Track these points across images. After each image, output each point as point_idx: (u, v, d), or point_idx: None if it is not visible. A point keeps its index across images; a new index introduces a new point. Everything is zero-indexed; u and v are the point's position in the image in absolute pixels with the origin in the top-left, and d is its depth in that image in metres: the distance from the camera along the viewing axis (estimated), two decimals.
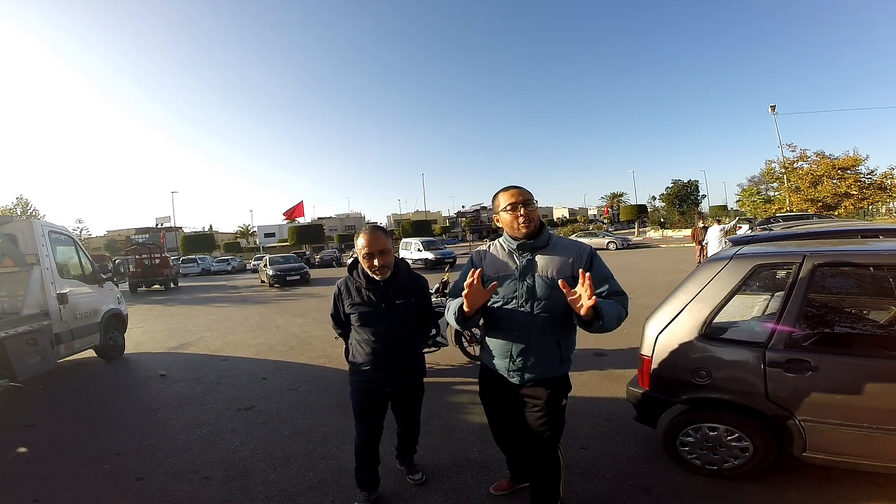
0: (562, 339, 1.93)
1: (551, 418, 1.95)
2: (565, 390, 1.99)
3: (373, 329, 2.29)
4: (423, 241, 22.22)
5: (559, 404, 1.96)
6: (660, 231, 38.61)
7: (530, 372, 1.93)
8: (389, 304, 2.28)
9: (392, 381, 2.36)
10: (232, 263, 34.47)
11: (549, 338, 1.90)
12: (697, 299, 2.48)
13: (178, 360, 6.26)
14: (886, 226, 6.40)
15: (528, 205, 1.88)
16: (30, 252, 5.33)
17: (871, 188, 20.99)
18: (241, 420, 3.84)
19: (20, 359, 4.63)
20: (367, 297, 2.28)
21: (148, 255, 20.66)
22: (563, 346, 1.94)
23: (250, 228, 65.88)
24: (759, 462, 2.35)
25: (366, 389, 2.36)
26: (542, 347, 1.91)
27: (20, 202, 30.41)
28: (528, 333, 1.90)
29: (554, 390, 1.94)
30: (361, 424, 2.40)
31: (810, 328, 2.46)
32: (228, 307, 12.24)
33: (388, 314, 2.28)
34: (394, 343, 2.32)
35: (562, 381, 1.97)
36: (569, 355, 1.99)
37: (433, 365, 5.02)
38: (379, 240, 2.20)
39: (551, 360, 1.92)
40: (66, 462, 3.22)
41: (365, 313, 2.28)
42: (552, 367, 1.93)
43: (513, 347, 1.94)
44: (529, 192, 1.92)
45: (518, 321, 1.91)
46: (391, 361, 2.32)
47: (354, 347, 2.38)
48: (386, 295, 2.28)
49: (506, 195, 1.92)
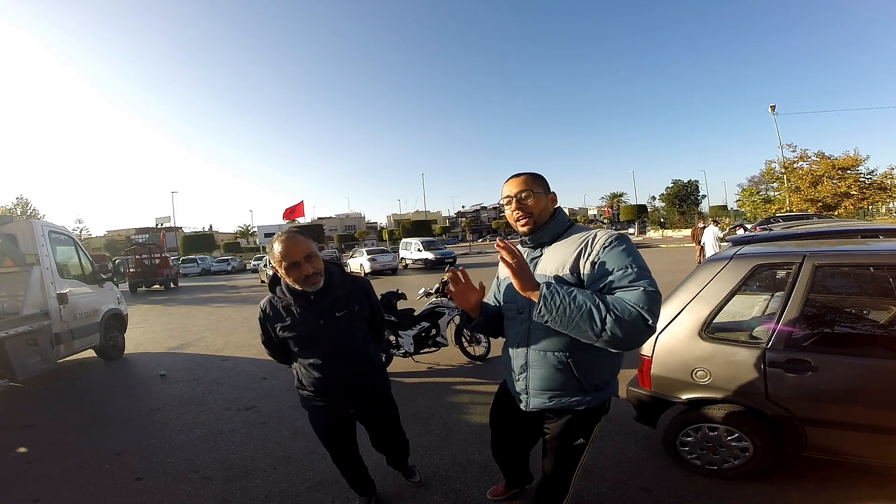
0: (576, 359, 1.50)
1: (556, 457, 1.63)
2: (582, 429, 1.59)
3: (316, 351, 1.95)
4: (423, 241, 22.20)
5: (570, 443, 1.59)
6: (660, 231, 38.59)
7: (536, 397, 1.59)
8: (329, 319, 1.93)
9: (353, 402, 2.07)
10: (232, 263, 34.45)
11: (554, 355, 1.52)
12: (697, 299, 2.48)
13: (178, 360, 6.26)
14: (886, 226, 6.40)
15: (524, 197, 1.55)
16: (30, 252, 5.33)
17: (871, 188, 20.98)
18: (241, 420, 3.84)
19: (20, 359, 4.63)
20: (300, 316, 1.91)
21: (148, 255, 20.66)
22: (580, 368, 1.51)
23: (250, 228, 65.90)
24: (759, 462, 2.34)
25: (325, 415, 2.08)
26: (546, 366, 1.54)
27: (20, 202, 30.44)
28: (527, 347, 1.58)
29: (567, 427, 1.58)
30: (330, 451, 2.21)
31: (810, 328, 2.46)
32: (228, 307, 12.24)
33: (330, 330, 1.93)
34: (345, 363, 1.99)
35: (579, 416, 1.56)
36: (597, 382, 1.54)
37: (433, 365, 5.03)
38: (300, 244, 1.80)
39: (563, 385, 1.54)
40: (66, 462, 3.22)
41: (302, 335, 1.93)
42: (566, 396, 1.54)
43: (515, 364, 1.66)
44: (532, 179, 1.58)
45: (517, 332, 1.63)
46: (347, 383, 2.02)
47: (300, 374, 2.04)
48: (322, 308, 1.92)
49: (505, 186, 1.61)
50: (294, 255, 1.78)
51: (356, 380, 2.04)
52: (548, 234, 1.59)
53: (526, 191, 1.55)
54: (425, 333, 4.94)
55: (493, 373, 4.57)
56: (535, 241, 1.60)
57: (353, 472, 2.31)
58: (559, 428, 1.59)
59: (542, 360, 1.55)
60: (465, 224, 71.60)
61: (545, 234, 1.59)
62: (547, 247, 1.59)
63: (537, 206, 1.56)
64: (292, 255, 1.78)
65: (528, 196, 1.55)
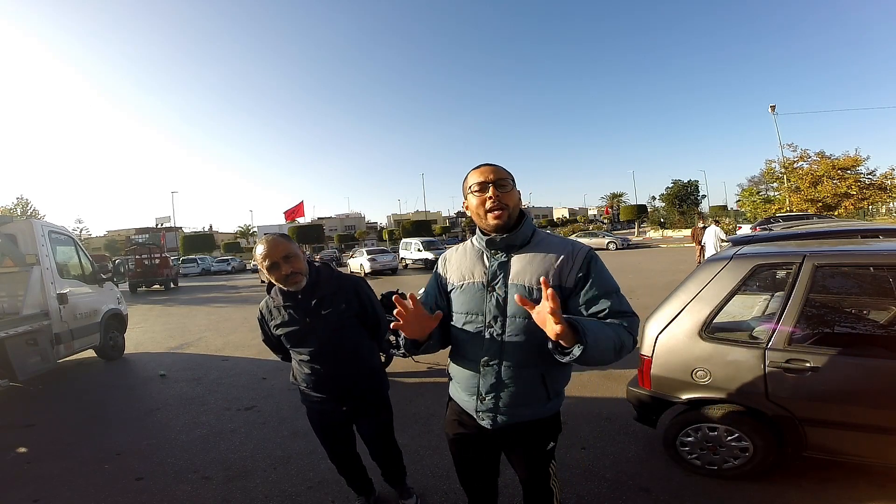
0: (547, 371, 1.43)
1: (534, 465, 1.56)
2: (553, 433, 1.55)
3: (305, 349, 2.03)
4: (423, 241, 22.19)
5: (543, 449, 1.54)
6: (660, 231, 38.59)
7: (505, 415, 1.46)
8: (315, 317, 1.98)
9: (344, 399, 2.09)
10: (232, 263, 34.45)
11: (529, 370, 1.41)
12: (697, 299, 2.48)
13: (178, 360, 6.26)
14: (886, 226, 6.40)
15: (503, 185, 1.39)
16: (30, 252, 5.33)
17: (871, 188, 20.96)
18: (241, 420, 3.84)
19: (20, 359, 4.63)
20: (290, 315, 2.01)
21: (148, 255, 20.65)
22: (550, 378, 1.44)
23: (250, 228, 65.91)
24: (759, 462, 2.35)
25: (320, 411, 2.14)
26: (520, 383, 1.42)
27: (20, 202, 30.42)
28: (499, 364, 1.43)
29: (536, 435, 1.52)
30: (327, 449, 2.25)
31: (810, 328, 2.46)
32: (228, 307, 12.24)
33: (317, 329, 1.98)
34: (333, 361, 2.02)
35: (548, 423, 1.52)
36: (559, 389, 1.51)
37: (433, 365, 5.02)
38: (278, 246, 1.86)
39: (533, 398, 1.45)
40: (66, 462, 3.22)
41: (291, 333, 2.02)
42: (535, 408, 1.46)
43: (480, 382, 1.47)
44: (507, 172, 1.43)
45: (485, 347, 1.44)
46: (337, 381, 2.05)
47: (295, 368, 2.14)
48: (308, 307, 1.98)
49: (475, 173, 1.43)
50: (273, 255, 1.85)
51: (346, 378, 2.06)
52: (519, 237, 1.44)
53: (504, 179, 1.40)
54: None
55: None
56: (506, 244, 1.43)
57: (351, 471, 2.32)
58: (530, 437, 1.52)
59: (518, 377, 1.42)
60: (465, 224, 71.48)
61: (517, 237, 1.43)
62: (516, 251, 1.44)
63: (512, 199, 1.41)
64: (271, 255, 1.85)
65: (505, 186, 1.39)
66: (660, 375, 2.54)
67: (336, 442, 2.22)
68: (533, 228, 1.49)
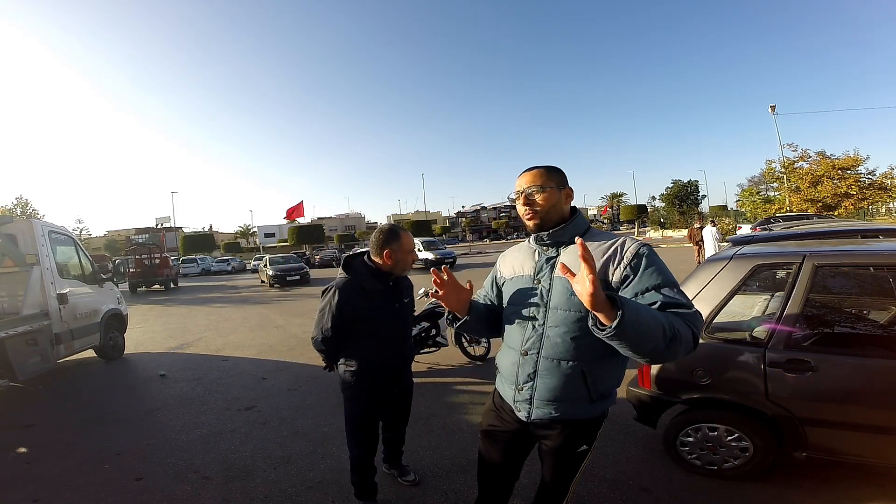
0: (589, 368, 1.40)
1: (561, 466, 1.54)
2: (588, 437, 1.51)
3: (385, 332, 2.29)
4: (423, 241, 22.17)
5: (573, 451, 1.51)
6: (660, 231, 38.58)
7: (541, 408, 1.46)
8: (400, 304, 2.37)
9: (398, 381, 2.44)
10: (232, 263, 34.44)
11: (568, 364, 1.41)
12: (697, 299, 2.48)
13: (178, 360, 6.26)
14: (886, 226, 6.40)
15: (531, 193, 1.48)
16: (30, 252, 5.33)
17: (871, 188, 20.95)
18: (241, 420, 3.84)
19: (20, 359, 4.63)
20: (380, 299, 2.29)
21: (148, 255, 20.64)
22: (593, 377, 1.41)
23: (250, 228, 65.88)
24: (759, 462, 2.35)
25: (375, 399, 2.34)
26: (558, 376, 1.42)
27: (20, 202, 30.41)
28: (538, 354, 1.45)
29: (571, 436, 1.49)
30: (363, 437, 2.34)
31: (810, 328, 2.46)
32: (228, 307, 12.24)
33: (400, 314, 2.36)
34: (402, 344, 2.40)
35: (586, 426, 1.49)
36: (603, 391, 1.46)
37: (433, 365, 5.03)
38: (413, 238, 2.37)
39: (572, 395, 1.43)
40: (66, 462, 3.22)
41: (382, 317, 2.28)
42: (573, 406, 1.44)
43: (518, 371, 1.50)
44: (543, 174, 1.49)
45: (526, 337, 1.48)
46: (401, 363, 2.42)
47: (357, 357, 2.27)
48: (397, 294, 2.36)
49: (517, 181, 1.53)
50: (414, 244, 2.32)
51: (405, 360, 2.45)
52: (568, 233, 1.48)
53: (534, 186, 1.47)
54: (425, 333, 4.94)
55: (493, 373, 4.56)
56: (554, 239, 1.50)
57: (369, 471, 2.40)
58: (562, 437, 1.50)
59: (555, 370, 1.43)
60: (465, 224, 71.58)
61: (566, 232, 1.48)
62: (565, 247, 1.49)
63: (547, 202, 1.47)
64: (414, 244, 2.31)
65: (536, 192, 1.47)
66: (660, 375, 2.54)
67: (375, 429, 2.40)
68: (586, 225, 1.53)
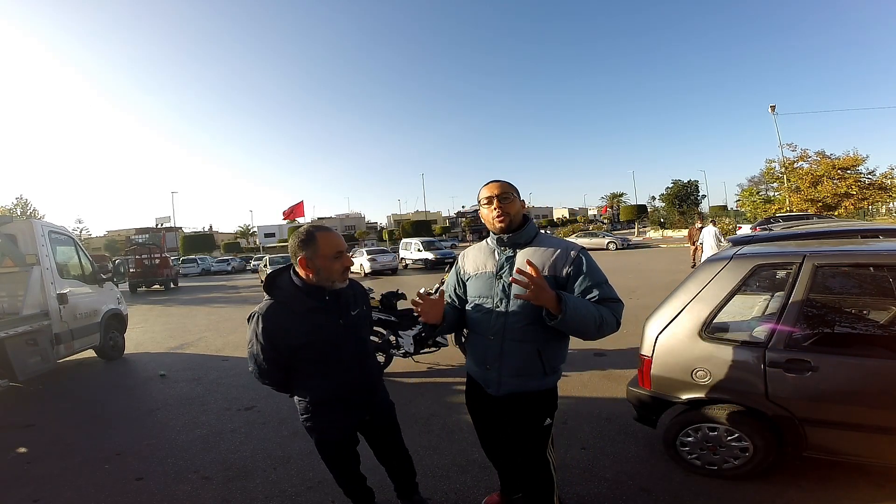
0: (544, 348, 1.72)
1: (532, 437, 1.78)
2: (549, 408, 1.80)
3: (336, 356, 1.81)
4: (422, 241, 22.20)
5: (541, 423, 1.78)
6: (660, 231, 38.57)
7: (507, 384, 1.76)
8: (347, 319, 1.83)
9: (368, 407, 1.95)
10: (232, 264, 34.46)
11: (527, 345, 1.71)
12: (697, 299, 2.48)
13: (178, 360, 6.26)
14: (886, 226, 6.40)
15: (505, 198, 1.76)
16: (30, 252, 5.33)
17: (871, 188, 20.96)
18: (241, 420, 3.84)
19: (20, 359, 4.63)
20: (319, 318, 1.76)
21: (148, 255, 20.65)
22: (546, 355, 1.73)
23: (250, 228, 65.89)
24: (759, 462, 2.34)
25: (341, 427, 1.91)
26: (519, 356, 1.72)
27: (20, 202, 30.41)
28: (502, 338, 1.74)
29: (534, 407, 1.77)
30: (334, 464, 2.03)
31: (810, 328, 2.46)
32: (228, 307, 12.25)
33: (350, 331, 1.84)
34: (362, 366, 1.91)
35: (544, 396, 1.78)
36: (555, 366, 1.78)
37: (433, 365, 5.03)
38: (340, 236, 1.81)
39: (530, 371, 1.73)
40: (66, 462, 3.22)
41: (324, 340, 1.77)
42: (531, 380, 1.74)
43: (487, 354, 1.79)
44: (510, 186, 1.81)
45: (491, 324, 1.76)
46: (365, 387, 1.92)
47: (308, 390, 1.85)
48: (340, 308, 1.82)
49: (485, 189, 1.82)
50: (340, 244, 1.76)
51: (373, 382, 1.98)
52: (523, 237, 1.79)
53: (506, 194, 1.77)
54: (425, 333, 4.93)
55: None
56: (512, 242, 1.80)
57: (354, 487, 2.14)
58: (528, 409, 1.77)
59: (517, 350, 1.73)
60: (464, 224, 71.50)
61: (521, 236, 1.79)
62: (520, 248, 1.79)
63: (514, 208, 1.78)
64: (340, 244, 1.76)
65: (507, 198, 1.77)
66: (660, 375, 2.54)
67: (353, 460, 2.05)
68: (536, 230, 1.85)
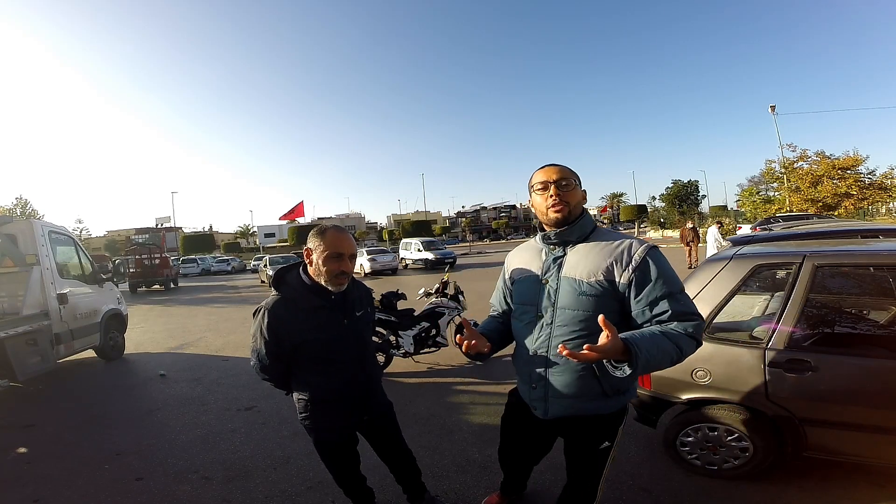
0: (599, 364, 1.38)
1: (584, 462, 1.57)
2: (609, 433, 1.53)
3: (338, 356, 1.84)
4: (422, 241, 22.20)
5: (595, 447, 1.53)
6: (660, 231, 38.58)
7: (555, 405, 1.50)
8: (352, 319, 1.87)
9: (367, 407, 1.98)
10: (232, 264, 34.49)
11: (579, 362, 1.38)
12: (697, 299, 2.47)
13: (178, 360, 6.26)
14: (886, 226, 6.40)
15: (565, 185, 1.45)
16: (30, 252, 5.33)
17: (872, 188, 20.96)
18: (241, 420, 3.84)
19: (20, 359, 4.63)
20: (325, 317, 1.80)
21: (148, 255, 20.66)
22: (604, 373, 1.39)
23: (250, 228, 65.91)
24: (759, 462, 2.34)
25: (340, 427, 1.95)
26: (569, 373, 1.44)
27: (20, 202, 30.42)
28: (547, 353, 1.47)
29: (590, 432, 1.51)
30: (333, 465, 2.06)
31: (810, 328, 2.46)
32: (228, 307, 12.25)
33: (353, 332, 1.88)
34: (363, 366, 1.94)
35: (603, 421, 1.51)
36: (619, 386, 1.46)
37: (433, 365, 5.03)
38: (350, 241, 1.79)
39: (586, 391, 1.44)
40: (66, 462, 3.22)
41: (328, 339, 1.81)
42: (587, 402, 1.46)
43: (532, 371, 1.53)
44: (570, 171, 1.50)
45: (536, 336, 1.50)
46: (364, 387, 1.96)
47: (309, 387, 1.88)
48: (345, 308, 1.85)
49: (539, 173, 1.51)
50: (343, 247, 1.74)
51: (371, 383, 2.00)
52: (575, 232, 1.49)
53: (567, 179, 1.46)
54: (425, 333, 4.94)
55: (494, 373, 4.57)
56: (561, 238, 1.50)
57: (353, 489, 2.16)
58: (583, 433, 1.52)
59: (565, 367, 1.44)
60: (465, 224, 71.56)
61: (572, 232, 1.49)
62: (571, 246, 1.49)
63: (574, 197, 1.48)
64: (341, 247, 1.74)
65: (568, 185, 1.46)
66: (660, 375, 2.54)
67: (353, 460, 2.07)
68: (593, 226, 1.53)
